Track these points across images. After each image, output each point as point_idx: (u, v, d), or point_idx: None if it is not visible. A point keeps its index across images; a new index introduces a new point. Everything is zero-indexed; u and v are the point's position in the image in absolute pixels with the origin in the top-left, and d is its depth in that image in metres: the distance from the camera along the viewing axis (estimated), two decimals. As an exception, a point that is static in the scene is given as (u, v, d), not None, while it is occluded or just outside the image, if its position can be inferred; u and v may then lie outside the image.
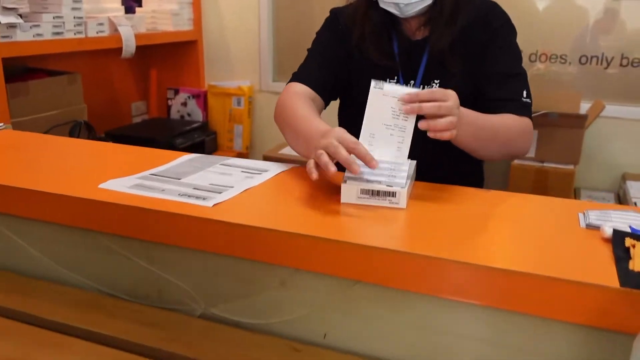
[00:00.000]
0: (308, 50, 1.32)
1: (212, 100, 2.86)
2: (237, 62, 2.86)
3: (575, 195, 2.24)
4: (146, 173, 0.96)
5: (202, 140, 2.71)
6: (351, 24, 1.26)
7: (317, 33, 1.33)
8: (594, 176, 2.32)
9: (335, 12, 1.32)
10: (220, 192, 0.86)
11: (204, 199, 0.83)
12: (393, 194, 0.83)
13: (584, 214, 0.80)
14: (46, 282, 0.93)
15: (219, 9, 2.82)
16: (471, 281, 0.65)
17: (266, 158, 2.57)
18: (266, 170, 0.99)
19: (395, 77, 1.25)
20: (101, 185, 0.88)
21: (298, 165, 1.04)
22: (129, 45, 2.31)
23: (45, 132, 2.06)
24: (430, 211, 0.83)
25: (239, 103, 2.81)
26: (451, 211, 0.83)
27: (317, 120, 1.04)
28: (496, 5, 1.26)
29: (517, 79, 1.20)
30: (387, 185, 0.83)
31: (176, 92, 2.90)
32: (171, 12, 2.64)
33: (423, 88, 1.23)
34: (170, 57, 2.89)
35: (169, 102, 2.92)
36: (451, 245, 0.69)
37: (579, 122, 2.05)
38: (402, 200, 0.83)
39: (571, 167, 2.11)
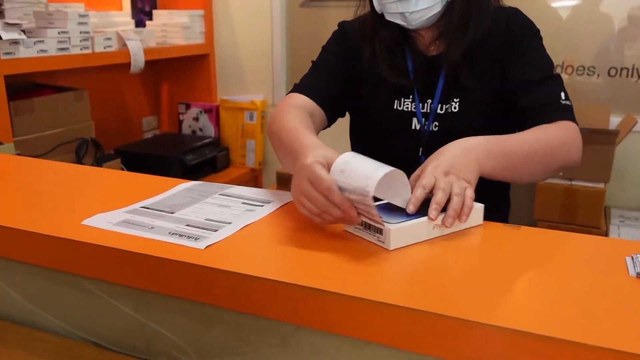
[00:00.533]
0: (313, 62, 1.22)
1: (224, 115, 2.79)
2: (249, 76, 2.78)
3: (606, 214, 2.11)
4: (137, 206, 0.87)
5: (213, 156, 2.64)
6: (361, 40, 1.17)
7: (323, 47, 1.23)
8: (625, 194, 2.19)
9: (344, 26, 1.23)
10: (215, 230, 0.77)
11: (196, 239, 0.74)
12: (379, 231, 0.72)
13: (632, 258, 0.69)
14: (24, 327, 0.84)
15: (231, 22, 2.75)
16: (504, 348, 0.54)
17: (280, 175, 2.49)
18: (269, 202, 0.90)
19: (411, 96, 1.15)
20: (85, 222, 0.79)
21: (305, 195, 0.95)
22: (138, 60, 2.24)
23: (51, 151, 2.00)
24: (452, 256, 0.72)
25: (251, 118, 2.74)
26: (476, 255, 0.72)
27: (306, 135, 0.90)
28: (517, 11, 1.14)
29: (550, 83, 1.06)
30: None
31: (188, 106, 2.83)
32: (182, 26, 2.57)
33: (441, 107, 1.13)
34: (182, 71, 2.83)
35: (181, 116, 2.86)
36: (480, 303, 0.59)
37: (610, 138, 1.93)
38: (389, 240, 0.71)
39: (601, 185, 1.98)
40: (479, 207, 0.80)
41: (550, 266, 0.69)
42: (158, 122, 2.97)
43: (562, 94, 1.05)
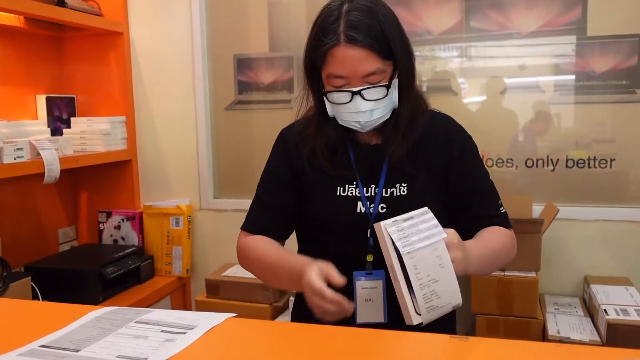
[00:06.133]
0: (259, 185, 1.26)
1: (148, 222, 2.66)
2: (174, 180, 2.70)
3: (540, 302, 2.11)
4: (34, 345, 0.75)
5: (137, 266, 2.47)
6: (302, 140, 1.21)
7: (267, 161, 1.27)
8: (556, 281, 2.21)
9: (283, 134, 1.28)
10: (128, 370, 0.66)
11: (103, 384, 0.63)
12: None
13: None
14: None
15: (154, 126, 2.70)
16: None
17: (209, 282, 2.36)
18: (192, 328, 0.80)
19: (354, 182, 1.17)
20: (-33, 372, 0.67)
21: (234, 315, 0.86)
22: (52, 170, 2.12)
23: (-51, 273, 1.80)
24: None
25: (177, 223, 2.62)
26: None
27: (292, 256, 1.12)
28: (449, 118, 1.26)
29: (492, 193, 1.23)
30: None
31: (108, 214, 2.69)
32: (102, 132, 2.49)
33: (387, 191, 1.16)
34: (103, 178, 2.70)
35: (101, 225, 2.70)
36: None
37: (535, 227, 1.97)
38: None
39: (533, 274, 1.99)
40: None
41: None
42: (76, 233, 2.78)
43: (499, 202, 1.23)
